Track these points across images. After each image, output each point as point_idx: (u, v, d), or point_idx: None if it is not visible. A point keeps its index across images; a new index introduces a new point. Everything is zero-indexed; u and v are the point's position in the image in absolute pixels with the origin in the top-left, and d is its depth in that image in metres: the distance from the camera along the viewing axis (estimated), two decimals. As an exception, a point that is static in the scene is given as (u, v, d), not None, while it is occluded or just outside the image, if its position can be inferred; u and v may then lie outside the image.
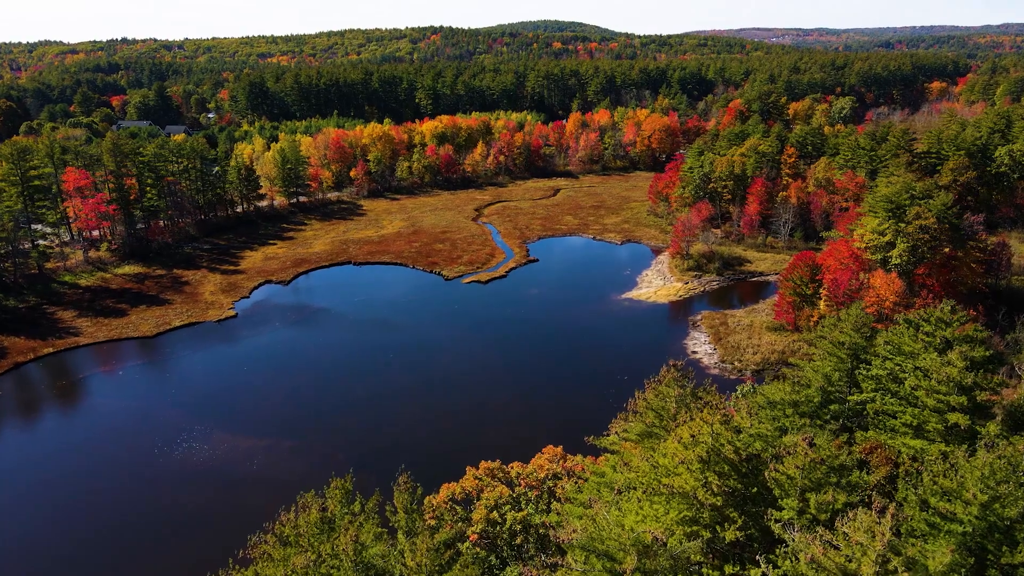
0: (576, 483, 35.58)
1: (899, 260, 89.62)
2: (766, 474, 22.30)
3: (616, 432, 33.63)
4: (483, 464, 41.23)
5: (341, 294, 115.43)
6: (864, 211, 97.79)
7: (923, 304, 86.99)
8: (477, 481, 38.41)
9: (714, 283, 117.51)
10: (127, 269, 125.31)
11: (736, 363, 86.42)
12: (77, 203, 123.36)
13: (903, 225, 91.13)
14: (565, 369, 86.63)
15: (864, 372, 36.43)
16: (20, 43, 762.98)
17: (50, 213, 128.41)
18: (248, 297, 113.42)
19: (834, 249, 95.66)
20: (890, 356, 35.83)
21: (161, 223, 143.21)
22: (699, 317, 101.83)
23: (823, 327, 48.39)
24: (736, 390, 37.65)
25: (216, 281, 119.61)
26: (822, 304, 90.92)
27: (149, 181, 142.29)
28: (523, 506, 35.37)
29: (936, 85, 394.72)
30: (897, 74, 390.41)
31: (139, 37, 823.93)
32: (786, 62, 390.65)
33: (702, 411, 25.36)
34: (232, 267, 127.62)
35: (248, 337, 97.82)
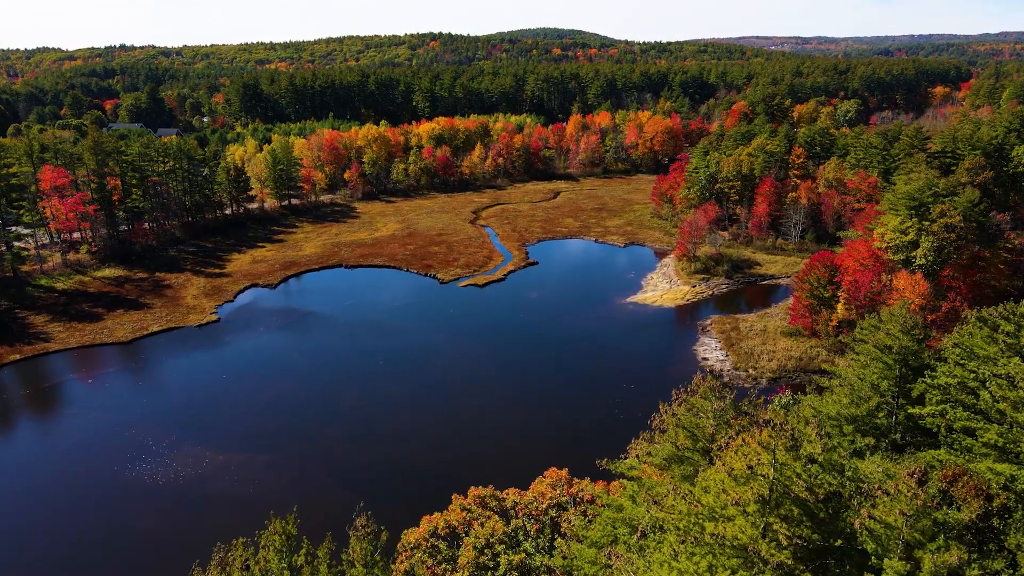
0: (586, 515, 29.71)
1: (924, 260, 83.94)
2: (854, 521, 16.79)
3: (637, 455, 27.49)
4: (472, 492, 35.02)
5: (330, 298, 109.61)
6: (884, 209, 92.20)
7: (950, 307, 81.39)
8: (465, 513, 32.38)
9: (723, 286, 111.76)
10: (107, 272, 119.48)
11: (751, 370, 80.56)
12: (55, 203, 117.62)
13: (927, 223, 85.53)
14: (566, 377, 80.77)
15: (928, 380, 30.73)
16: (19, 50, 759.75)
17: (28, 214, 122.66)
18: (232, 301, 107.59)
19: (853, 249, 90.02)
20: (961, 361, 30.13)
21: (146, 225, 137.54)
22: (709, 322, 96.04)
23: (861, 329, 42.57)
24: (772, 401, 32.00)
25: (200, 284, 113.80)
26: (840, 307, 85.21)
27: (133, 181, 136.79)
28: (521, 542, 29.41)
29: (939, 90, 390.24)
30: (900, 79, 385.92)
31: (138, 44, 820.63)
32: (788, 66, 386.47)
33: (750, 430, 19.73)
34: (217, 270, 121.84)
35: (229, 343, 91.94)
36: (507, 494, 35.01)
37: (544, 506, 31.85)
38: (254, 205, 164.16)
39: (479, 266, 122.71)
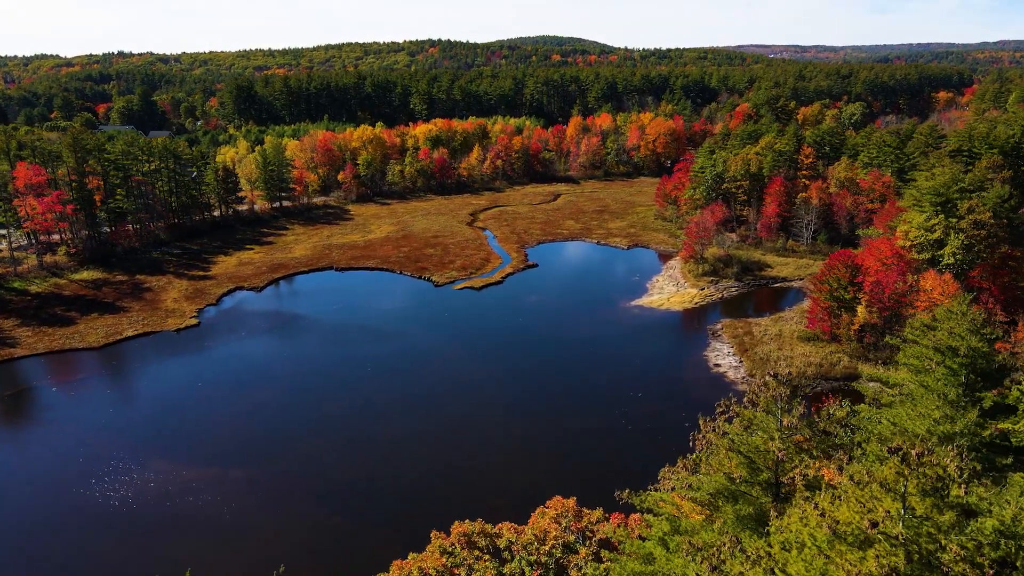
0: (600, 560, 23.81)
1: (952, 260, 78.30)
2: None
3: (674, 486, 21.43)
4: (456, 528, 28.67)
5: (318, 301, 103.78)
6: (907, 205, 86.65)
7: (982, 310, 75.70)
8: (446, 557, 26.21)
9: (733, 289, 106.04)
10: (85, 275, 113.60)
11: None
12: (30, 202, 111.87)
13: (954, 220, 79.98)
14: (568, 384, 74.89)
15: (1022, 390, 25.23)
16: (16, 56, 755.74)
17: (2, 214, 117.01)
18: (215, 304, 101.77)
19: (874, 248, 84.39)
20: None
21: (129, 227, 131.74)
22: (719, 326, 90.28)
23: (912, 329, 36.85)
24: (821, 414, 26.23)
25: (181, 287, 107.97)
26: (862, 310, 79.48)
27: (116, 181, 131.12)
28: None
29: (942, 95, 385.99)
30: (903, 83, 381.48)
31: (136, 51, 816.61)
32: (791, 71, 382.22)
33: (836, 457, 14.21)
34: (201, 272, 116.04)
35: (209, 348, 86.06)
36: (501, 529, 28.81)
37: (548, 546, 25.92)
38: (244, 207, 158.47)
39: (476, 269, 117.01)
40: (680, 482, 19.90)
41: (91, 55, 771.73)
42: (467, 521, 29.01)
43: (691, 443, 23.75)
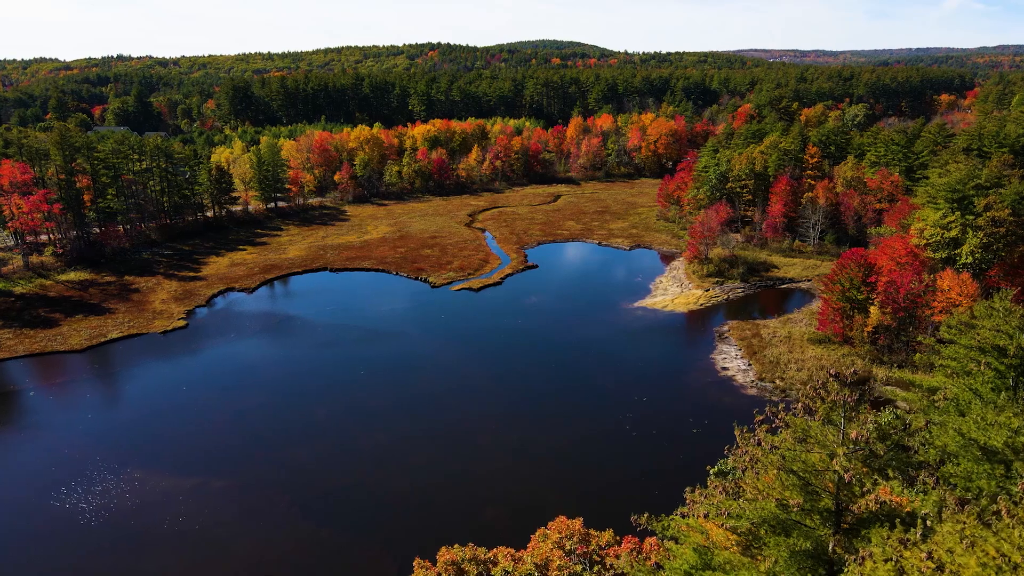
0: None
1: (970, 259, 75.11)
2: None
3: (707, 512, 17.75)
4: (444, 555, 25.17)
5: (311, 302, 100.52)
6: (921, 203, 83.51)
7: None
8: (432, 593, 23.02)
9: (739, 290, 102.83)
10: (72, 275, 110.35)
11: (778, 381, 71.44)
12: (15, 201, 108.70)
13: (971, 217, 76.80)
14: (569, 387, 71.62)
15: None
16: (15, 60, 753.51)
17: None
18: (204, 306, 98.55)
19: (888, 247, 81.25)
20: None
21: (119, 227, 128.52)
22: (726, 328, 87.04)
23: (948, 328, 33.62)
24: (869, 420, 22.65)
25: (171, 289, 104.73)
26: (875, 311, 76.26)
27: (106, 180, 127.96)
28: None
29: (944, 97, 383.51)
30: (905, 86, 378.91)
31: (135, 55, 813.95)
32: (792, 73, 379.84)
33: (924, 479, 11.06)
34: (192, 273, 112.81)
35: (196, 351, 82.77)
36: (496, 555, 25.34)
37: (551, 573, 22.62)
38: (238, 207, 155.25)
39: (474, 269, 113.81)
40: (714, 508, 16.56)
41: (90, 59, 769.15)
42: (456, 547, 25.53)
43: (725, 454, 20.39)
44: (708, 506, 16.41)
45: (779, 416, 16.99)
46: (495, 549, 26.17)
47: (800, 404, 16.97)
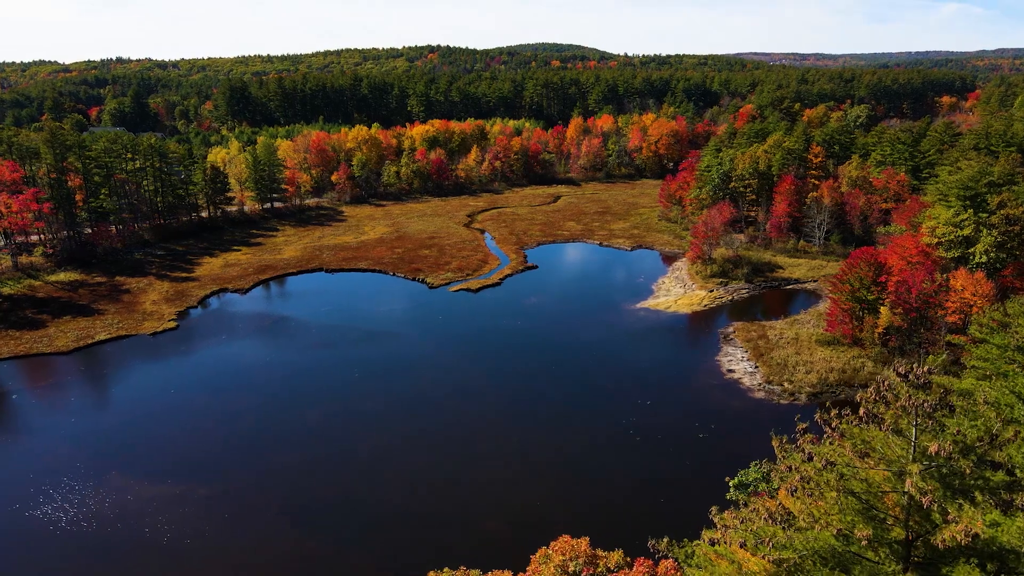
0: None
1: (984, 258, 72.82)
2: None
3: (744, 540, 15.00)
4: None
5: (306, 303, 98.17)
6: (932, 201, 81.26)
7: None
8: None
9: (743, 291, 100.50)
10: (62, 276, 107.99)
11: (786, 384, 69.08)
12: (4, 199, 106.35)
13: (984, 215, 74.55)
14: (570, 390, 69.21)
15: None
16: (14, 63, 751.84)
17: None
18: (196, 307, 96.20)
19: (898, 246, 78.97)
20: None
21: (112, 227, 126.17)
22: (731, 329, 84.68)
23: (979, 327, 31.25)
24: (948, 430, 19.56)
25: (162, 289, 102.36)
26: (886, 311, 73.91)
27: (98, 179, 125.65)
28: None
29: (946, 99, 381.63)
30: (907, 88, 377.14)
31: (134, 57, 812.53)
32: (793, 74, 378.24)
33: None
34: (185, 274, 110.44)
35: (186, 353, 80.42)
36: (494, 578, 22.99)
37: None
38: (233, 208, 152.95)
39: (473, 270, 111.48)
40: (753, 535, 14.08)
41: (89, 61, 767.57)
42: (447, 570, 23.20)
43: (757, 467, 17.98)
44: (746, 533, 13.97)
45: (832, 424, 14.51)
46: (491, 573, 23.63)
47: (862, 410, 14.49)
